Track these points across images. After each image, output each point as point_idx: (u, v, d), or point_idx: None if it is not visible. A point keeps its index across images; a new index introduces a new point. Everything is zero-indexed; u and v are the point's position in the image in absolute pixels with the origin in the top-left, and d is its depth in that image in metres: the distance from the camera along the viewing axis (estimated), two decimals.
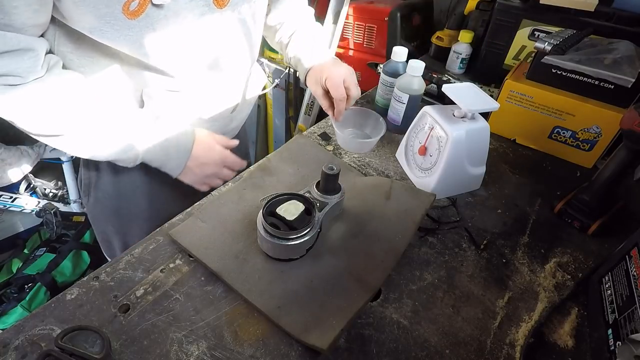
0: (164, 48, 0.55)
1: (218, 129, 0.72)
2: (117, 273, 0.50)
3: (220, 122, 0.73)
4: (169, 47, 0.55)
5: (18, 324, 0.44)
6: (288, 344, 0.45)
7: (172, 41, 0.55)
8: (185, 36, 0.56)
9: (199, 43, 0.58)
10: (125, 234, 0.77)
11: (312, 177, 0.66)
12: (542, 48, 0.71)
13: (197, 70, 0.62)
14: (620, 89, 0.65)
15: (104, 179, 0.70)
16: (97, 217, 0.77)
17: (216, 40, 0.60)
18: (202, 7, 0.55)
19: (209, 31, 0.58)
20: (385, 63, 0.82)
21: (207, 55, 0.61)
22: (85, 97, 0.55)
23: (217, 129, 0.72)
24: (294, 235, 0.49)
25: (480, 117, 0.63)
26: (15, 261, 1.44)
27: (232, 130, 0.80)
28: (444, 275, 0.54)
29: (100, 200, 0.73)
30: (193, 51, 0.59)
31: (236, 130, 0.82)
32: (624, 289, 0.46)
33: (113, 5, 0.47)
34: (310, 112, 1.48)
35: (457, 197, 0.68)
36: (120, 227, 0.76)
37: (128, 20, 0.49)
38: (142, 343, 0.43)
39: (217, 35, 0.60)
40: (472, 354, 0.46)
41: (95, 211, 0.75)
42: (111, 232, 0.77)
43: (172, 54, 0.57)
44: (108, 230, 0.77)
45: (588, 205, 0.63)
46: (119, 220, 0.75)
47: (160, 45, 0.54)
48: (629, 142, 0.57)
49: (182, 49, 0.57)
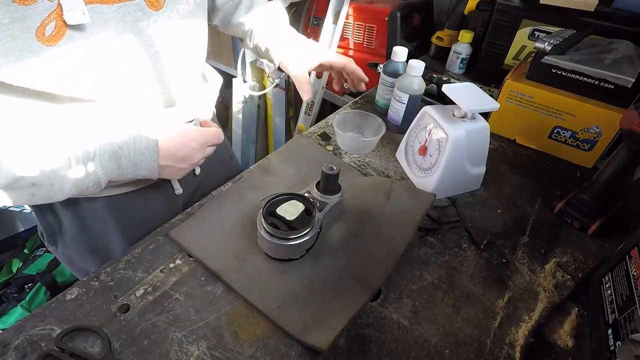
0: (97, 72, 0.47)
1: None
2: (117, 273, 0.50)
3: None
4: (103, 68, 0.47)
5: (18, 324, 0.44)
6: (288, 344, 0.45)
7: (106, 60, 0.47)
8: (119, 50, 0.48)
9: (137, 54, 0.51)
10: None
11: (312, 177, 0.66)
12: (542, 48, 0.71)
13: (139, 86, 0.54)
14: (620, 89, 0.65)
15: (66, 223, 0.63)
16: (71, 260, 0.69)
17: (157, 47, 0.52)
18: (134, 13, 0.47)
19: (147, 39, 0.50)
20: (385, 63, 0.82)
21: (147, 66, 0.53)
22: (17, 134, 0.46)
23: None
24: (294, 236, 0.49)
25: (480, 117, 0.63)
26: (15, 261, 1.44)
27: None
28: (444, 275, 0.54)
29: (69, 244, 0.66)
30: (130, 64, 0.50)
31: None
32: (624, 289, 0.46)
33: (22, 35, 0.38)
34: (310, 112, 1.48)
35: (457, 197, 0.68)
36: (100, 261, 0.68)
37: (47, 48, 0.40)
38: (142, 343, 0.43)
39: (157, 42, 0.52)
40: (472, 354, 0.46)
41: (68, 255, 0.68)
42: (92, 268, 0.70)
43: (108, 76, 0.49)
44: (88, 267, 0.70)
45: (588, 205, 0.63)
46: (96, 257, 0.68)
47: (93, 69, 0.46)
48: (629, 142, 0.57)
49: (119, 65, 0.49)
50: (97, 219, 0.62)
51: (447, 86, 0.64)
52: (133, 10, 0.47)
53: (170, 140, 0.55)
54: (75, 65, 0.44)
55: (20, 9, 0.37)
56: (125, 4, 0.46)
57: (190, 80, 0.63)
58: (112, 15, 0.45)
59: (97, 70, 0.47)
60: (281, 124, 1.73)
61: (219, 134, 0.62)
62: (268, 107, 1.76)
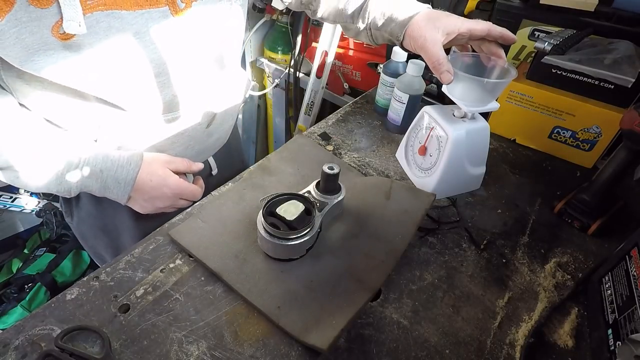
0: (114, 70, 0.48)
1: (194, 147, 0.66)
2: (117, 273, 0.50)
3: (195, 139, 0.65)
4: (121, 68, 0.48)
5: (18, 324, 0.44)
6: (288, 344, 0.45)
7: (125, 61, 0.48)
8: (133, 49, 0.48)
9: (155, 63, 0.51)
10: (116, 247, 0.73)
11: (312, 177, 0.66)
12: (542, 48, 0.71)
13: (153, 88, 0.54)
14: (620, 89, 0.65)
15: (84, 199, 0.66)
16: (84, 234, 0.73)
17: (171, 49, 0.52)
18: (158, 20, 0.48)
19: (163, 40, 0.51)
20: (385, 63, 0.82)
21: (162, 69, 0.53)
22: (11, 124, 0.48)
23: (192, 147, 0.66)
24: (294, 235, 0.49)
25: (480, 117, 0.63)
26: (15, 261, 1.44)
27: (213, 144, 0.72)
28: (444, 275, 0.54)
29: (84, 219, 0.70)
30: (144, 66, 0.51)
31: (220, 142, 0.75)
32: (624, 289, 0.46)
33: (39, 32, 0.41)
34: (310, 112, 1.48)
35: (457, 197, 0.68)
36: (109, 242, 0.72)
37: (62, 43, 0.42)
38: (142, 343, 0.43)
39: (172, 43, 0.52)
40: (472, 354, 0.46)
41: (82, 229, 0.72)
42: (101, 247, 0.75)
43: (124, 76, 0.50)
44: (98, 246, 0.75)
45: (588, 205, 0.63)
46: (107, 236, 0.72)
47: (109, 67, 0.47)
48: (629, 142, 0.57)
49: (132, 64, 0.50)
50: (112, 201, 0.63)
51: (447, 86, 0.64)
52: (157, 16, 0.48)
53: (148, 179, 0.58)
54: (89, 61, 0.45)
55: (36, 10, 0.40)
56: (148, 11, 0.47)
57: (205, 85, 0.62)
58: (133, 21, 0.46)
59: (113, 68, 0.48)
60: (281, 124, 1.73)
61: (196, 193, 0.64)
62: (268, 107, 1.76)
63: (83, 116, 0.53)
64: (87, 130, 0.55)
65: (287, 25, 1.43)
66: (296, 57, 1.44)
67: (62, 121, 0.54)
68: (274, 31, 1.51)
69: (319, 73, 1.38)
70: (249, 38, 1.51)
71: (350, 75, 1.35)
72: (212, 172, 0.77)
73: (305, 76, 1.46)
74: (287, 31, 1.45)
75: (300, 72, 1.47)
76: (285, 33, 1.46)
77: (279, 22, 1.46)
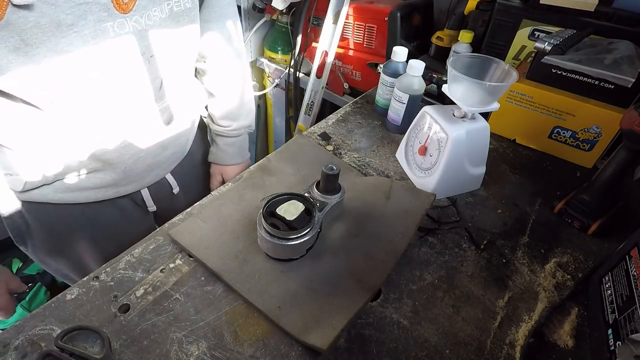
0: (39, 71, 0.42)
1: (145, 160, 0.62)
2: (117, 273, 0.50)
3: (146, 152, 0.61)
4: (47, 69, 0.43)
5: (18, 324, 0.44)
6: (288, 344, 0.45)
7: (52, 62, 0.43)
8: (73, 54, 0.44)
9: (95, 63, 0.47)
10: (81, 267, 0.69)
11: (312, 177, 0.66)
12: (542, 48, 0.71)
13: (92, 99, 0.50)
14: (620, 89, 0.65)
15: (32, 225, 0.62)
16: (43, 260, 0.68)
17: (118, 57, 0.48)
18: (98, 13, 0.43)
19: (108, 45, 0.46)
20: (385, 63, 0.82)
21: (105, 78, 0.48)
22: None
23: (143, 160, 0.62)
24: (294, 236, 0.49)
25: (480, 117, 0.63)
26: (15, 261, 1.44)
27: (169, 159, 0.67)
28: (444, 275, 0.54)
29: (39, 246, 0.65)
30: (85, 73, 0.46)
31: (177, 157, 0.70)
32: (624, 289, 0.46)
33: None
34: (310, 112, 1.48)
35: (457, 197, 0.68)
36: (72, 264, 0.68)
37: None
38: (142, 343, 0.43)
39: (119, 50, 0.48)
40: (472, 354, 0.46)
41: (39, 256, 0.67)
42: (66, 269, 0.70)
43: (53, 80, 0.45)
44: (62, 268, 0.70)
45: (588, 205, 0.63)
46: (68, 259, 0.68)
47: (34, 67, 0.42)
48: (629, 142, 0.57)
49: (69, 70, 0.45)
50: (64, 225, 0.61)
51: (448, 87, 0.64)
52: (97, 9, 0.44)
53: None
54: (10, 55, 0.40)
55: None
56: (87, 2, 0.43)
57: (170, 91, 0.59)
58: (69, 11, 0.42)
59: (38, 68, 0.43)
60: (281, 124, 1.73)
61: (7, 311, 0.60)
62: (268, 107, 1.76)
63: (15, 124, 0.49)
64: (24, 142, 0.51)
65: (287, 25, 1.43)
66: (296, 57, 1.44)
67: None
68: (274, 31, 1.51)
69: (319, 73, 1.38)
70: (249, 38, 1.51)
71: (350, 75, 1.35)
72: (173, 191, 0.74)
73: (305, 76, 1.46)
74: (287, 31, 1.44)
75: (300, 72, 1.47)
76: (285, 33, 1.46)
77: (279, 22, 1.46)
